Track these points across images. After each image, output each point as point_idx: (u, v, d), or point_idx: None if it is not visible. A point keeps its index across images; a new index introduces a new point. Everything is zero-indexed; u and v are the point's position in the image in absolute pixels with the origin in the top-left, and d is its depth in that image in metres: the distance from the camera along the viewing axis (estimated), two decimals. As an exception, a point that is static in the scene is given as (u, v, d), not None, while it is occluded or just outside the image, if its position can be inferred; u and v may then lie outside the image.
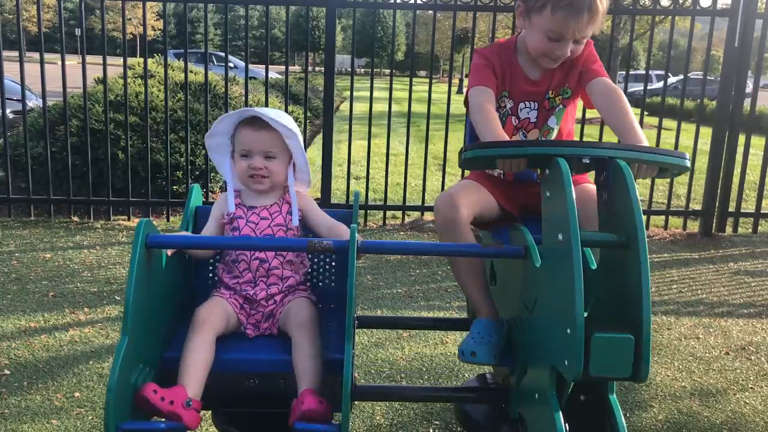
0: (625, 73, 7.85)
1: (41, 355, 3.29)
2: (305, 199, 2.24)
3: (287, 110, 5.96)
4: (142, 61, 6.64)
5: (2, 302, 3.93)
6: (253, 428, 2.08)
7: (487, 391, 2.41)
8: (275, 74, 19.15)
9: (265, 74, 5.96)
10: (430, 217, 6.11)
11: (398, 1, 5.98)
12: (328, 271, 2.35)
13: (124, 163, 5.86)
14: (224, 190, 2.24)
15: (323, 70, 5.97)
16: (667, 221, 6.23)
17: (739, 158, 6.04)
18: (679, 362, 3.50)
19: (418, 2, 6.03)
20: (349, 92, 6.08)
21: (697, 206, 6.37)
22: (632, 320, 1.50)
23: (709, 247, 5.81)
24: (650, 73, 7.43)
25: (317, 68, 36.93)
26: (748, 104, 6.13)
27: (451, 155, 6.14)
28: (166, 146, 5.85)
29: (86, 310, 3.88)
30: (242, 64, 20.02)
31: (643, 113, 6.31)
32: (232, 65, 18.77)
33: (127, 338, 1.69)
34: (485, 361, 2.02)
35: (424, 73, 33.89)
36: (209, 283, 2.28)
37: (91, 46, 37.31)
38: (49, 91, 5.79)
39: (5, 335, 3.50)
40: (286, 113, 2.17)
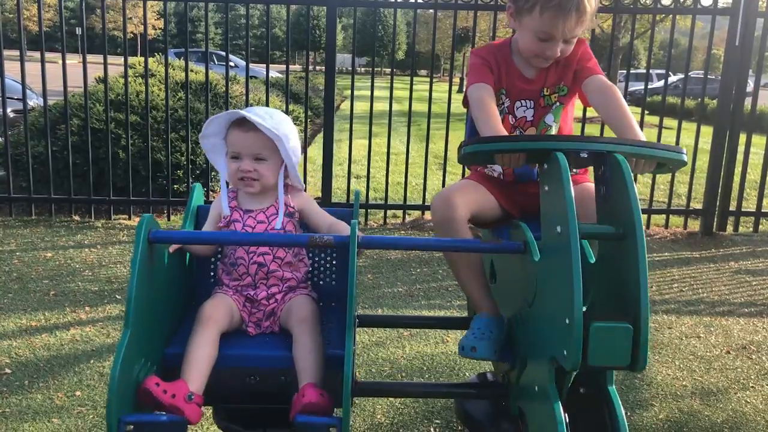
0: (625, 72, 7.85)
1: (42, 353, 3.30)
2: (304, 198, 2.22)
3: (287, 109, 5.96)
4: (142, 60, 6.64)
5: (3, 301, 3.93)
6: (254, 425, 2.08)
7: (487, 386, 2.42)
8: (276, 73, 19.18)
9: (265, 73, 5.96)
10: (430, 216, 6.10)
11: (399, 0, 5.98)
12: (328, 269, 2.36)
13: (124, 162, 5.87)
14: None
15: (324, 69, 5.97)
16: (667, 220, 6.23)
17: (739, 157, 6.04)
18: (680, 361, 3.50)
19: (418, 1, 6.02)
20: (349, 91, 6.07)
21: (697, 205, 6.37)
22: (630, 310, 1.52)
23: (709, 246, 5.81)
24: (651, 72, 7.43)
25: (318, 67, 36.94)
26: (748, 103, 6.12)
27: (451, 154, 6.13)
28: (166, 145, 5.86)
29: (87, 309, 3.89)
30: (243, 63, 20.00)
31: (643, 112, 6.30)
32: (232, 64, 18.73)
33: (129, 331, 1.70)
34: (486, 356, 2.02)
35: (424, 72, 33.90)
36: (210, 281, 2.28)
37: (91, 45, 37.33)
38: (49, 90, 5.79)
39: (6, 334, 3.50)
40: (280, 112, 2.14)
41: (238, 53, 36.84)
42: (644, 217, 6.22)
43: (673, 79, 22.80)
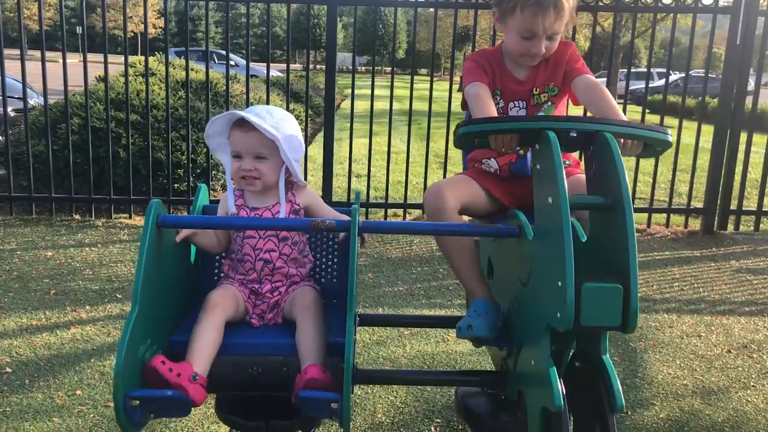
0: (626, 70, 7.84)
1: (43, 352, 3.30)
2: (309, 194, 2.26)
3: (288, 108, 5.95)
4: (143, 59, 6.64)
5: (4, 300, 3.93)
6: (255, 417, 2.13)
7: (485, 374, 2.45)
8: (276, 72, 19.16)
9: (266, 72, 5.96)
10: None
11: (399, -2, 5.97)
12: (329, 268, 2.40)
13: (125, 161, 5.87)
14: (225, 188, 2.26)
15: (324, 67, 5.96)
16: (668, 219, 6.23)
17: (740, 156, 6.04)
18: (680, 360, 3.50)
19: (419, 0, 6.02)
20: (350, 90, 6.07)
21: (698, 204, 6.36)
22: (620, 274, 1.59)
23: (710, 245, 5.81)
24: (652, 71, 7.43)
25: (318, 66, 36.91)
26: (749, 102, 6.12)
27: (452, 153, 6.14)
28: (167, 144, 5.85)
29: (88, 308, 3.89)
30: (243, 62, 19.95)
31: (644, 111, 6.30)
32: (233, 63, 18.70)
33: (137, 309, 1.74)
34: (482, 333, 2.06)
35: (425, 71, 33.88)
36: (214, 279, 2.32)
37: (92, 44, 37.34)
38: (50, 89, 5.79)
39: (7, 333, 3.50)
40: (281, 109, 2.17)
41: (238, 52, 36.83)
42: (645, 216, 6.23)
43: (674, 77, 22.79)
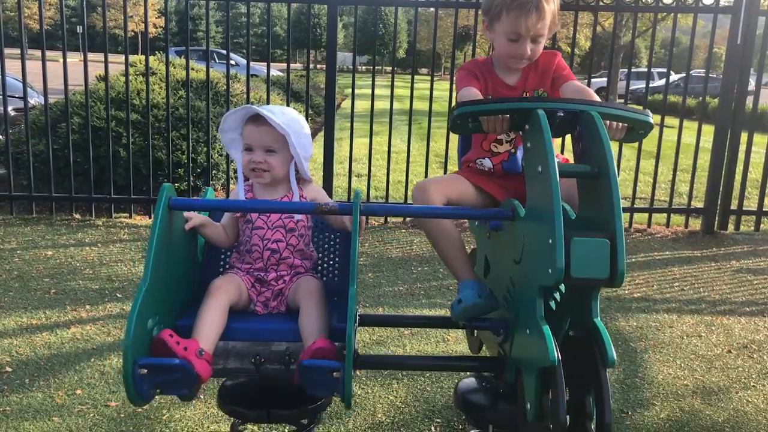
0: (627, 70, 7.84)
1: (43, 352, 3.30)
2: (314, 189, 2.36)
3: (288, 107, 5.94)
4: (143, 58, 6.64)
5: (4, 299, 3.93)
6: (257, 407, 2.17)
7: (483, 359, 2.48)
8: (277, 72, 19.16)
9: (266, 72, 5.96)
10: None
11: (400, -2, 5.97)
12: (331, 266, 2.46)
13: (125, 160, 5.87)
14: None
15: (325, 67, 5.96)
16: (669, 219, 6.22)
17: (741, 156, 6.03)
18: (681, 360, 3.50)
19: (419, 0, 6.02)
20: (350, 90, 6.07)
21: (699, 204, 6.36)
22: (607, 231, 1.72)
23: (711, 244, 5.81)
24: (652, 70, 7.43)
25: (319, 66, 36.92)
26: (750, 102, 6.11)
27: (452, 153, 6.13)
28: (167, 144, 5.85)
29: (88, 307, 3.88)
30: (244, 61, 19.94)
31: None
32: (233, 63, 18.71)
33: (147, 283, 1.83)
34: (471, 300, 2.16)
35: (425, 70, 33.85)
36: (220, 271, 2.37)
37: (92, 43, 37.30)
38: (50, 88, 5.79)
39: (7, 332, 3.50)
40: (293, 110, 2.28)
41: (238, 51, 36.83)
42: (645, 216, 6.23)
43: (674, 77, 22.78)
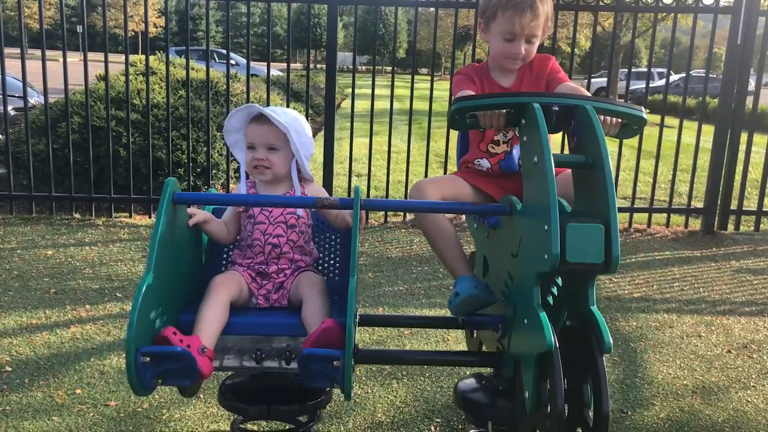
0: (627, 70, 7.84)
1: (42, 351, 3.30)
2: (316, 188, 2.40)
3: (288, 107, 5.95)
4: (143, 58, 6.63)
5: (4, 299, 3.93)
6: (258, 402, 2.19)
7: (482, 354, 2.51)
8: (277, 71, 19.16)
9: (266, 71, 5.96)
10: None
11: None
12: (331, 265, 2.47)
13: (125, 160, 5.86)
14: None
15: (325, 67, 5.96)
16: (669, 219, 6.22)
17: (741, 156, 6.03)
18: (681, 360, 3.50)
19: (419, -1, 6.01)
20: (350, 89, 6.07)
21: (699, 204, 6.36)
22: (601, 216, 1.75)
23: (711, 245, 5.81)
24: (652, 70, 7.44)
25: (319, 65, 36.93)
26: (750, 102, 6.11)
27: (452, 153, 6.13)
28: (167, 143, 5.85)
29: (87, 307, 3.88)
30: (244, 61, 19.91)
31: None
32: (233, 62, 18.70)
33: (151, 274, 1.85)
34: (466, 292, 2.19)
35: (425, 70, 33.85)
36: (222, 267, 2.39)
37: (92, 43, 37.28)
38: (50, 88, 5.79)
39: (7, 332, 3.50)
40: (296, 112, 2.34)
41: (239, 51, 36.82)
42: (645, 215, 6.23)
43: (674, 77, 22.79)
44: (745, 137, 6.02)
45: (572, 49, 6.29)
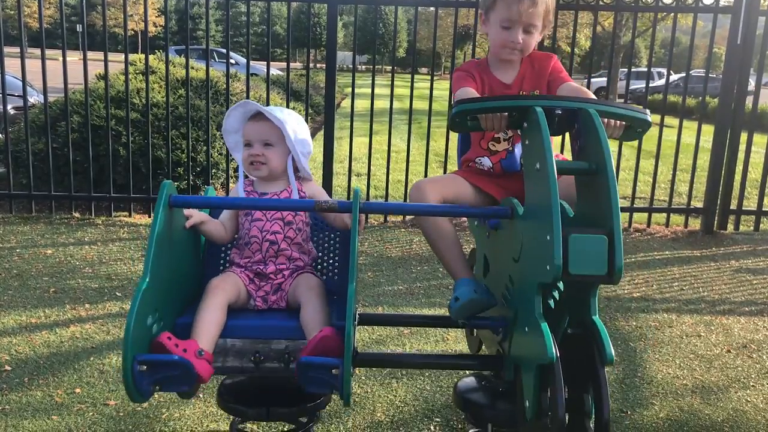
0: (627, 70, 7.84)
1: (42, 351, 3.30)
2: (314, 186, 2.39)
3: (288, 107, 5.95)
4: (143, 57, 6.63)
5: (3, 298, 3.93)
6: (257, 405, 2.18)
7: (483, 357, 2.49)
8: (276, 71, 19.16)
9: (266, 71, 5.96)
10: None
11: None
12: (330, 265, 2.46)
13: (125, 159, 5.86)
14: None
15: (324, 66, 5.96)
16: (668, 219, 6.22)
17: (741, 156, 6.03)
18: (680, 360, 3.50)
19: (419, -1, 6.01)
20: (350, 89, 6.06)
21: (698, 204, 6.36)
22: (605, 226, 1.71)
23: (710, 244, 5.81)
24: (652, 70, 7.45)
25: (318, 65, 36.90)
26: (750, 102, 6.11)
27: (452, 152, 6.13)
28: (167, 142, 5.85)
29: (87, 306, 3.88)
30: (243, 60, 19.89)
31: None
32: (233, 62, 18.71)
33: (147, 279, 1.83)
34: (467, 296, 2.16)
35: (425, 70, 33.86)
36: (220, 269, 2.38)
37: (92, 42, 37.29)
38: (50, 87, 5.78)
39: (6, 331, 3.50)
40: (293, 112, 2.33)
41: (238, 50, 36.80)
42: (645, 215, 6.23)
43: (674, 77, 22.79)
44: (744, 137, 6.02)
45: (572, 48, 6.29)
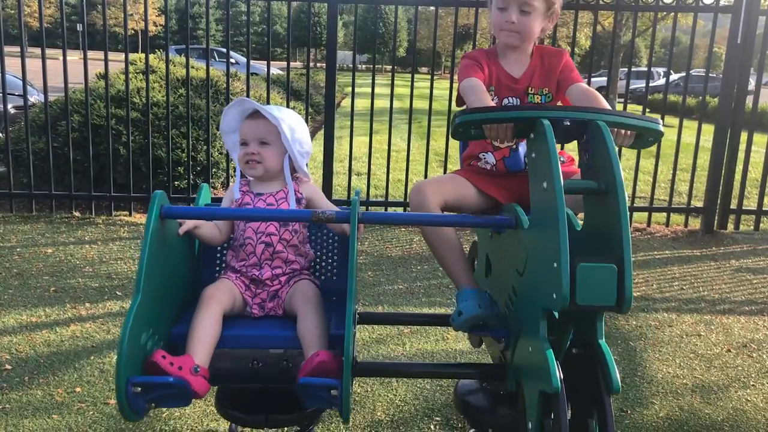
0: (627, 70, 7.84)
1: (42, 350, 3.30)
2: (311, 187, 2.34)
3: (288, 106, 5.95)
4: (143, 56, 6.63)
5: (4, 297, 3.93)
6: (256, 411, 2.15)
7: (484, 366, 2.46)
8: (277, 70, 19.16)
9: (266, 70, 5.96)
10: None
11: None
12: (329, 265, 2.43)
13: (125, 158, 5.86)
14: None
15: (325, 66, 5.96)
16: (668, 218, 6.23)
17: (741, 155, 6.03)
18: (680, 359, 3.50)
19: (420, -2, 6.00)
20: (350, 88, 6.07)
21: (699, 203, 6.36)
22: (614, 254, 1.62)
23: (710, 244, 5.81)
24: (652, 70, 7.45)
25: (318, 64, 36.90)
26: (750, 101, 6.11)
27: (452, 151, 6.13)
28: (167, 142, 5.85)
29: (87, 305, 3.89)
30: (244, 59, 19.87)
31: (645, 110, 6.30)
32: (233, 61, 18.72)
33: (139, 297, 1.77)
34: (471, 312, 2.10)
35: (425, 69, 33.88)
36: (216, 275, 2.34)
37: (92, 41, 37.25)
38: (50, 86, 5.78)
39: (6, 330, 3.50)
40: (291, 111, 2.29)
41: (239, 50, 36.79)
42: (645, 215, 6.23)
43: (674, 77, 22.79)
44: (745, 136, 6.02)
45: (572, 48, 6.29)
